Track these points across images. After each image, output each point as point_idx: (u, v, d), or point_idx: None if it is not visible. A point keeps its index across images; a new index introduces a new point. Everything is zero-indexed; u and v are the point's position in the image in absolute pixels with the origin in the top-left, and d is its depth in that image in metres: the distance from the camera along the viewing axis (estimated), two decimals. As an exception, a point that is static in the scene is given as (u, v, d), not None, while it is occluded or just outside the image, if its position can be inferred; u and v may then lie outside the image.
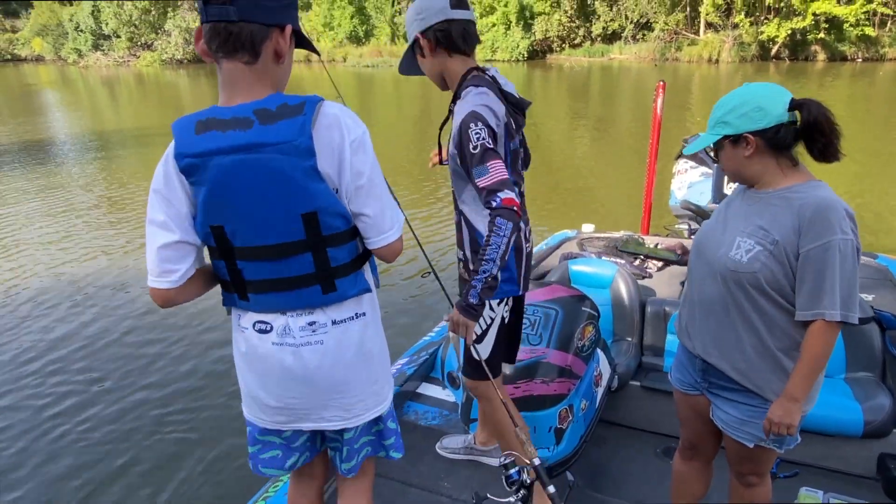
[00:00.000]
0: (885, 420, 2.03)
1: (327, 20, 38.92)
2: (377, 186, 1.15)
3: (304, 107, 1.06)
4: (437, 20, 1.55)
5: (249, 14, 1.04)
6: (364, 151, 1.11)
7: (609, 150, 10.26)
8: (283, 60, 1.13)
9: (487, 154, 1.43)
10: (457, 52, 1.59)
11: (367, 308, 1.25)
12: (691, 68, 24.00)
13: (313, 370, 1.21)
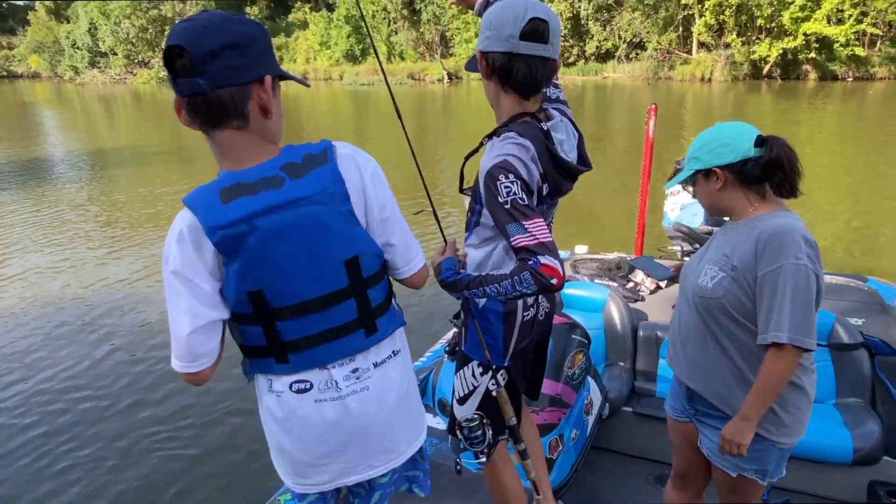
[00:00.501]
0: (874, 447, 2.03)
1: (324, 39, 39.23)
2: (399, 216, 1.18)
3: (327, 153, 1.07)
4: (499, 48, 1.30)
5: (222, 80, 0.98)
6: (382, 183, 1.13)
7: (603, 169, 10.31)
8: (274, 114, 1.08)
9: (523, 211, 1.22)
10: (513, 90, 1.35)
11: (400, 344, 1.25)
12: (684, 87, 24.24)
13: (361, 419, 1.16)
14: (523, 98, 1.36)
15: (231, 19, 0.99)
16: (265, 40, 1.04)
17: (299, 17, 42.82)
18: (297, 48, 41.06)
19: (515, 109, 1.38)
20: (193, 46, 0.95)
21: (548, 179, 1.35)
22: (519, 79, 1.32)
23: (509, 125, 1.36)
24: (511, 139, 1.30)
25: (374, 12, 37.87)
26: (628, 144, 12.24)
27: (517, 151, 1.28)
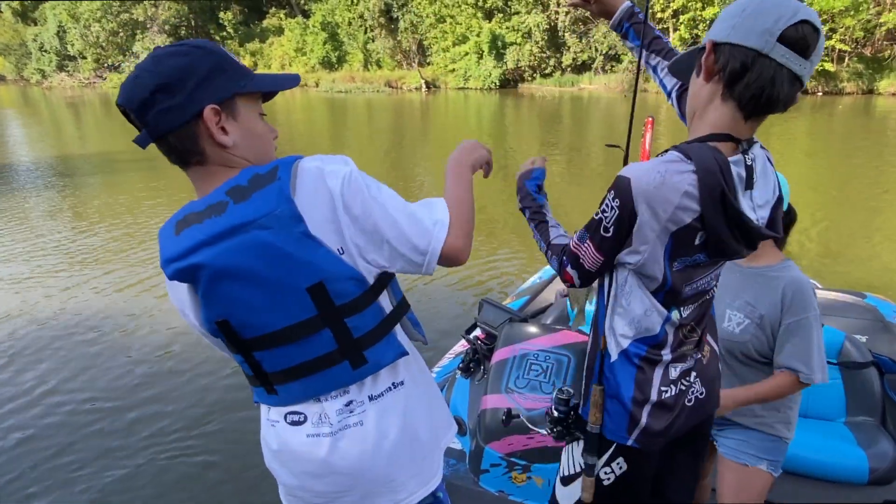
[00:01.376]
0: (889, 467, 2.02)
1: (299, 45, 39.00)
2: (387, 206, 0.99)
3: (276, 171, 0.94)
4: (745, 41, 0.98)
5: (161, 128, 0.95)
6: (357, 187, 0.97)
7: (584, 181, 10.36)
8: (229, 140, 0.98)
9: (595, 231, 1.10)
10: (733, 101, 1.03)
11: (404, 375, 1.11)
12: (658, 99, 24.65)
13: (355, 460, 1.07)
14: (743, 115, 1.04)
15: (161, 57, 0.95)
16: (206, 63, 0.96)
17: (274, 22, 42.47)
18: (272, 54, 40.72)
19: (722, 126, 1.06)
20: (127, 102, 0.95)
21: (706, 227, 1.03)
22: (753, 88, 0.99)
23: (687, 143, 1.07)
24: (668, 161, 1.03)
25: (351, 19, 37.82)
26: (605, 156, 12.33)
27: (653, 179, 1.01)
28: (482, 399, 2.05)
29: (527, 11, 31.46)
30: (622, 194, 1.04)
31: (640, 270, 1.11)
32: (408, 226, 1.00)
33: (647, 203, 1.02)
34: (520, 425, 1.93)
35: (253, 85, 1.00)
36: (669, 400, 1.18)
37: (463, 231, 1.05)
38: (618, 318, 1.16)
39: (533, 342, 2.14)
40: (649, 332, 1.14)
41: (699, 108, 1.09)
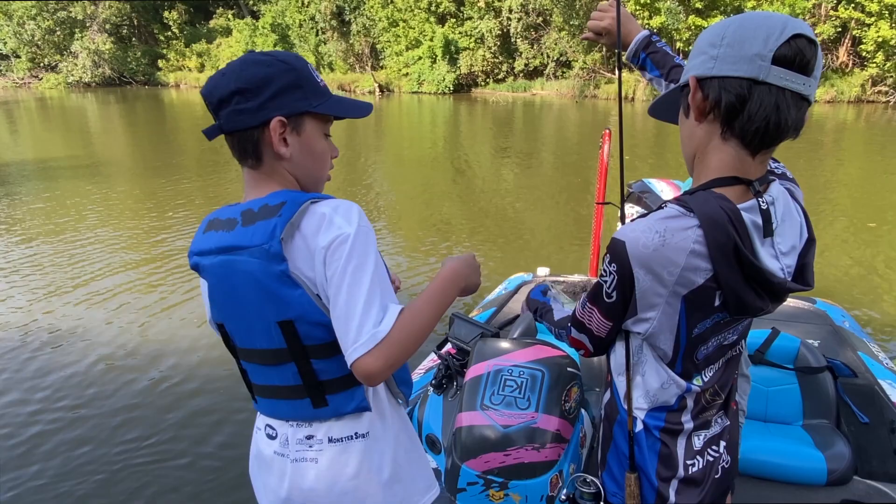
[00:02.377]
0: (846, 468, 2.09)
1: (249, 47, 38.13)
2: (351, 282, 0.97)
3: (281, 208, 1.00)
4: (734, 71, 0.88)
5: (231, 125, 1.04)
6: (342, 248, 0.98)
7: (537, 185, 10.49)
8: (287, 153, 1.06)
9: (597, 298, 1.01)
10: (736, 138, 0.93)
11: (369, 428, 1.11)
12: (609, 105, 25.28)
13: (307, 492, 1.11)
14: (749, 152, 0.93)
15: (248, 62, 1.03)
16: (285, 78, 1.03)
17: (221, 23, 41.40)
18: (220, 55, 39.66)
19: (727, 169, 0.94)
20: (209, 95, 1.04)
21: (723, 286, 0.91)
22: (756, 120, 0.89)
23: (692, 193, 0.95)
24: (667, 217, 0.92)
25: (302, 21, 37.27)
26: (558, 162, 12.55)
27: (651, 241, 0.90)
28: (457, 417, 2.02)
29: (479, 17, 31.71)
30: (618, 259, 0.94)
31: (650, 341, 1.00)
32: (349, 318, 0.97)
33: (646, 268, 0.91)
34: (495, 443, 1.91)
35: (323, 107, 1.08)
36: (697, 474, 1.07)
37: (390, 357, 0.96)
38: (634, 389, 1.06)
39: (506, 357, 2.12)
40: (666, 403, 1.05)
41: (698, 152, 0.99)
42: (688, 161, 1.04)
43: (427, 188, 10.14)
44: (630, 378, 1.06)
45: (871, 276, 5.70)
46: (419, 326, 1.01)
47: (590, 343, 1.10)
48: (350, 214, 1.01)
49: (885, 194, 9.13)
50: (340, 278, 0.97)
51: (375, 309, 0.97)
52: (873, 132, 16.53)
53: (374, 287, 0.98)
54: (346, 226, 0.99)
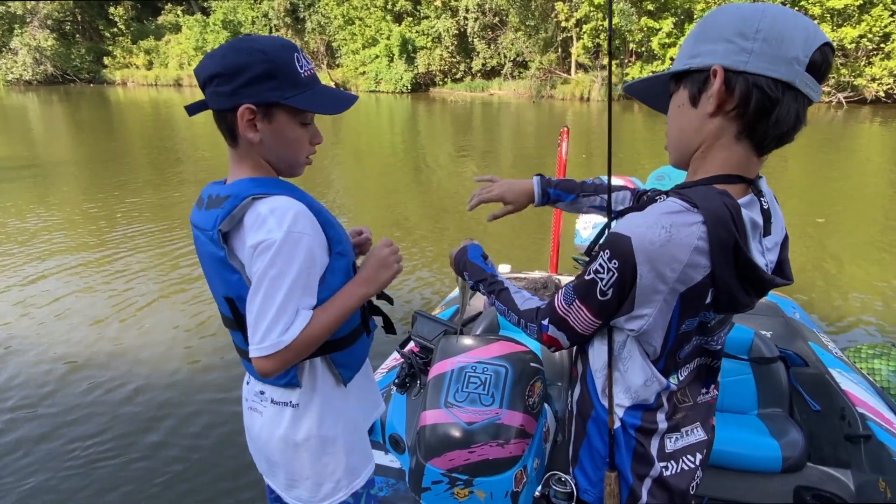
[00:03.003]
0: (800, 455, 2.14)
1: (199, 44, 37.15)
2: (263, 289, 1.08)
3: (225, 201, 1.11)
4: (770, 72, 0.85)
5: (212, 103, 1.12)
6: (266, 253, 1.07)
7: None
8: (255, 138, 1.13)
9: (588, 294, 0.96)
10: (750, 139, 0.91)
11: (299, 400, 1.25)
12: (565, 105, 25.65)
13: (254, 438, 1.32)
14: (758, 153, 0.92)
15: (231, 48, 1.09)
16: (260, 68, 1.08)
17: (170, 19, 40.15)
18: (169, 53, 38.51)
19: (732, 168, 0.93)
20: (198, 73, 1.12)
21: (718, 284, 0.89)
22: (782, 125, 0.87)
23: (690, 187, 0.92)
24: (671, 211, 0.88)
25: (254, 18, 36.53)
26: (516, 161, 12.64)
27: (658, 236, 0.86)
28: (421, 415, 2.00)
29: (436, 16, 31.72)
30: (622, 255, 0.88)
31: (641, 338, 0.97)
32: (259, 320, 1.08)
33: (651, 264, 0.87)
34: (459, 441, 1.89)
35: (294, 100, 1.12)
36: (672, 479, 1.05)
37: (287, 362, 1.11)
38: (614, 385, 1.03)
39: (470, 354, 2.11)
40: (645, 401, 1.03)
41: (704, 145, 0.94)
42: (681, 153, 0.99)
43: (386, 186, 10.06)
44: (612, 375, 1.03)
45: (819, 270, 5.90)
46: (321, 334, 1.13)
47: (567, 340, 1.05)
48: (284, 218, 1.07)
49: (831, 191, 9.48)
50: (259, 281, 1.07)
51: (287, 316, 1.08)
52: (817, 131, 17.27)
53: (290, 295, 1.07)
54: (275, 230, 1.06)
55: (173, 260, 6.15)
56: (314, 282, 1.14)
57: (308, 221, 1.11)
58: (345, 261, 1.21)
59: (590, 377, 1.08)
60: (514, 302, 1.17)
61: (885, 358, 2.70)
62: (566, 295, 1.01)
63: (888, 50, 22.65)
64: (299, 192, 1.18)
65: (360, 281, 1.23)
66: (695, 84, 0.92)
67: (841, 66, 23.47)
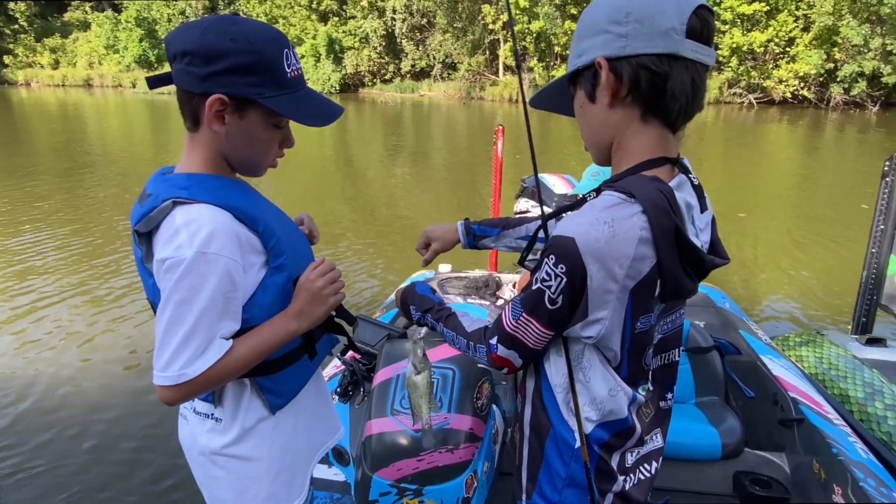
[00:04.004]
0: (738, 441, 2.20)
1: (111, 42, 35.20)
2: (168, 313, 0.96)
3: (147, 199, 1.00)
4: (650, 49, 0.84)
5: (178, 81, 1.01)
6: (172, 273, 0.95)
7: (429, 185, 10.51)
8: (221, 130, 1.01)
9: (537, 306, 0.90)
10: (657, 118, 0.89)
11: (221, 416, 1.13)
12: (494, 106, 26.02)
13: (182, 440, 1.22)
14: (671, 130, 0.90)
15: (215, 28, 0.96)
16: (241, 58, 0.97)
17: (77, 16, 37.88)
18: (77, 51, 36.26)
19: (653, 151, 0.90)
20: (169, 42, 0.99)
21: (664, 273, 0.86)
22: (679, 97, 0.86)
23: (620, 179, 0.88)
24: (611, 205, 0.84)
25: (171, 16, 35.01)
26: (449, 161, 12.68)
27: (602, 233, 0.83)
28: (366, 425, 1.90)
29: (363, 16, 31.43)
30: (568, 258, 0.84)
31: (600, 344, 0.91)
32: (163, 346, 0.97)
33: (600, 263, 0.83)
34: (407, 449, 1.82)
35: (273, 101, 1.01)
36: (632, 491, 1.02)
37: (189, 395, 1.01)
38: (579, 398, 0.96)
39: None
40: (615, 415, 0.96)
41: (617, 138, 0.93)
42: (599, 150, 0.98)
43: (316, 190, 9.80)
44: (575, 390, 0.95)
45: (743, 261, 6.17)
46: (235, 369, 1.02)
47: (519, 359, 0.97)
48: (196, 235, 0.94)
49: (747, 187, 9.99)
50: (165, 303, 0.96)
51: (193, 347, 0.96)
52: (731, 130, 18.31)
53: (199, 324, 0.95)
54: (185, 247, 0.93)
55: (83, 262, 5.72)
56: (234, 306, 1.01)
57: (227, 240, 0.97)
58: (283, 276, 1.07)
59: (546, 393, 1.01)
60: (462, 325, 1.09)
61: (811, 346, 2.82)
62: (513, 310, 0.94)
63: (793, 53, 24.40)
64: (242, 195, 1.05)
65: (289, 315, 1.08)
66: (587, 81, 0.92)
67: (751, 68, 25.08)
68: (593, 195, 0.89)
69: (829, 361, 2.68)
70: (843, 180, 10.61)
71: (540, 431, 1.03)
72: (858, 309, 3.21)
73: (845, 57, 23.42)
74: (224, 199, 1.00)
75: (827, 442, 2.00)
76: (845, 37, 22.60)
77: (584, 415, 0.96)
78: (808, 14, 23.94)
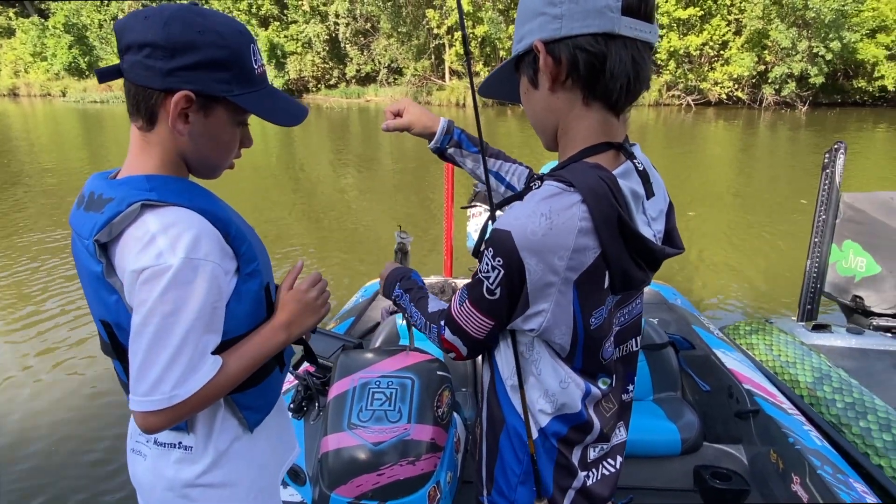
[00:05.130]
0: (697, 435, 2.22)
1: (38, 49, 33.53)
2: (153, 328, 0.86)
3: (106, 205, 0.88)
4: (586, 29, 0.81)
5: (133, 76, 0.89)
6: (156, 283, 0.85)
7: (377, 190, 10.41)
8: (184, 130, 0.92)
9: (478, 296, 0.89)
10: (599, 100, 0.86)
11: (193, 443, 1.01)
12: (442, 111, 26.04)
13: (139, 484, 1.08)
14: (614, 113, 0.88)
15: (181, 18, 0.87)
16: (213, 53, 0.89)
17: (1, 22, 35.82)
18: (1, 59, 34.28)
19: (595, 136, 0.88)
20: (119, 31, 0.89)
21: (610, 264, 0.84)
22: (619, 77, 0.82)
23: (566, 166, 0.86)
24: (548, 196, 0.82)
25: (102, 21, 33.67)
26: (396, 166, 12.61)
27: (539, 225, 0.80)
28: (322, 441, 1.82)
29: (304, 21, 30.99)
30: (505, 252, 0.83)
31: (544, 336, 0.89)
32: (146, 367, 0.87)
33: (538, 256, 0.81)
34: (367, 463, 1.74)
35: (244, 99, 0.94)
36: (596, 487, 1.00)
37: (179, 418, 0.91)
38: (530, 391, 0.95)
39: (373, 368, 1.96)
40: (569, 408, 0.94)
41: (561, 123, 0.91)
42: (546, 136, 0.96)
43: (264, 201, 9.52)
44: (523, 383, 0.94)
45: (691, 258, 6.32)
46: (226, 385, 0.94)
47: (464, 346, 0.98)
48: (179, 239, 0.85)
49: (690, 186, 10.30)
50: (147, 318, 0.85)
51: (182, 365, 0.87)
52: (672, 131, 18.93)
53: (188, 339, 0.86)
54: (167, 254, 0.84)
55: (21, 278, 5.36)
56: (218, 318, 0.93)
57: (213, 243, 0.90)
58: (256, 282, 0.99)
59: (499, 387, 0.99)
60: (426, 306, 1.11)
61: (761, 334, 2.89)
62: (460, 296, 0.95)
63: (727, 56, 25.48)
64: (208, 198, 0.96)
65: (278, 325, 1.03)
66: (528, 66, 0.90)
67: (688, 71, 26.04)
68: (538, 184, 0.87)
69: (779, 348, 2.75)
70: (779, 176, 11.11)
71: (495, 426, 1.02)
72: (803, 297, 3.31)
73: (775, 59, 24.64)
74: (194, 200, 0.92)
75: (783, 432, 2.03)
76: (775, 40, 23.80)
77: (539, 407, 0.95)
78: (740, 18, 25.08)
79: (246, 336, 0.99)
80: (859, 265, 3.22)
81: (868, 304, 3.20)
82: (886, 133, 17.47)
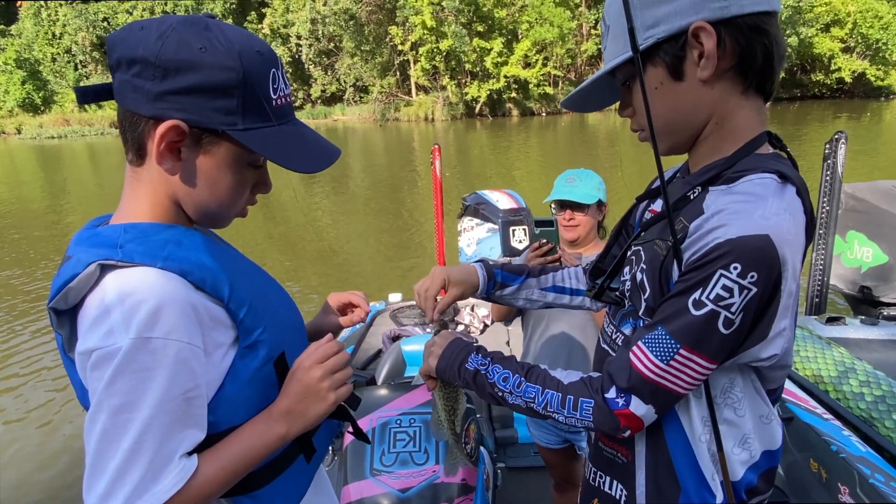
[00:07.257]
0: None
1: (-11, 86, 32.62)
2: (100, 426, 0.68)
3: (69, 261, 0.72)
4: (758, 7, 0.70)
5: (120, 96, 0.73)
6: (103, 368, 0.67)
7: (351, 211, 10.29)
8: (169, 167, 0.74)
9: (709, 339, 0.69)
10: (754, 90, 0.76)
11: None
12: (411, 126, 26.14)
13: None
14: (766, 100, 0.79)
15: (182, 30, 0.71)
16: (215, 77, 0.71)
17: (-51, 59, 34.83)
18: (-50, 97, 33.28)
19: (757, 126, 0.77)
20: (110, 44, 0.74)
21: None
22: (783, 62, 0.75)
23: (752, 162, 0.74)
24: (779, 190, 0.70)
25: (55, 55, 32.95)
26: (369, 184, 12.50)
27: (790, 224, 0.68)
28: (343, 491, 1.66)
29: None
30: (766, 262, 0.66)
31: (781, 362, 0.74)
32: (97, 473, 0.68)
33: (792, 260, 0.68)
34: None
35: (247, 136, 0.75)
36: None
37: None
38: (726, 441, 0.76)
39: (391, 406, 1.80)
40: (770, 444, 0.79)
41: (714, 116, 0.77)
42: (681, 134, 0.81)
43: (235, 228, 9.28)
44: (719, 434, 0.74)
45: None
46: (204, 496, 0.73)
47: (656, 413, 0.75)
48: (134, 313, 0.67)
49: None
50: (94, 414, 0.68)
51: (138, 472, 0.68)
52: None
53: (144, 440, 0.68)
54: (119, 332, 0.67)
55: None
56: (198, 408, 0.73)
57: (178, 318, 0.70)
58: (258, 357, 0.79)
59: (676, 452, 0.80)
60: (552, 375, 0.83)
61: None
62: (658, 349, 0.72)
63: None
64: (204, 251, 0.77)
65: (274, 415, 0.80)
66: (668, 55, 0.75)
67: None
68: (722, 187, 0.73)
69: (796, 344, 2.67)
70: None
71: (668, 492, 0.81)
72: (810, 290, 3.25)
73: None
74: (175, 257, 0.73)
75: (823, 440, 1.92)
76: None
77: (739, 458, 0.79)
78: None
79: None
80: (865, 255, 3.17)
81: (877, 293, 3.14)
82: (847, 124, 18.02)
